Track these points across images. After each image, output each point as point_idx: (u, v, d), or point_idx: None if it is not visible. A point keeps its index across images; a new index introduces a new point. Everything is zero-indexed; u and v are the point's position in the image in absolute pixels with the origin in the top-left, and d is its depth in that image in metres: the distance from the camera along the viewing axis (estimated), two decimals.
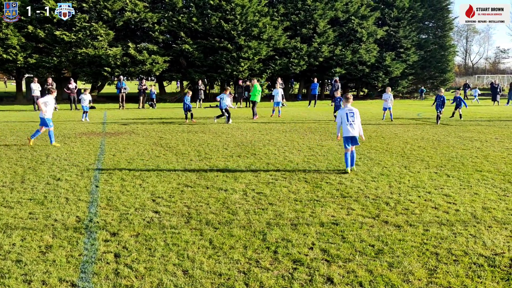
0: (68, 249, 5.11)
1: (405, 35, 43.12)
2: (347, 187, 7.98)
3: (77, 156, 10.90)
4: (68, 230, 5.73)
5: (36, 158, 10.67)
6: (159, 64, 34.32)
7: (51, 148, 12.06)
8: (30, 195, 7.36)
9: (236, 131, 15.86)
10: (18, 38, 31.37)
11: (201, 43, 35.19)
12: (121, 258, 4.88)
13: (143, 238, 5.45)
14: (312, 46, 38.20)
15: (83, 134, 15.04)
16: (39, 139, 13.42)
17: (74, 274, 4.50)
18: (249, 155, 11.09)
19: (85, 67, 33.66)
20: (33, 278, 4.39)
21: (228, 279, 4.41)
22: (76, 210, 6.58)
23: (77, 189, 7.76)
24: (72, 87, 26.96)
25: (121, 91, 28.56)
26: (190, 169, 9.48)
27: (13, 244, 5.25)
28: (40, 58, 32.21)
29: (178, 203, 6.93)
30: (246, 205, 6.84)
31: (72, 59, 32.89)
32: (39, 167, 9.63)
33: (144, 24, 34.81)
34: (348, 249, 5.17)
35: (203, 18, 35.26)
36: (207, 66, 36.05)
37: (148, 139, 13.82)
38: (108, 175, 8.82)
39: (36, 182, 8.25)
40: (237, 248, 5.16)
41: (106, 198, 7.20)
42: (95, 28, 32.12)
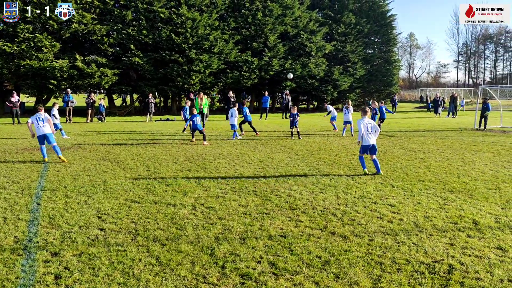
0: (4, 272, 4.85)
1: (352, 49, 44.57)
2: (296, 199, 8.07)
3: (17, 173, 10.42)
4: (5, 251, 5.45)
5: None
6: (108, 77, 33.59)
7: None
8: None
9: (187, 145, 15.72)
10: None
11: (152, 56, 34.80)
12: (62, 279, 4.68)
13: (87, 257, 5.26)
14: (263, 59, 38.67)
15: (25, 150, 14.41)
16: None
17: None
18: (199, 169, 11.01)
19: (29, 80, 32.39)
20: None
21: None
22: (14, 229, 6.27)
23: (17, 208, 7.40)
24: (14, 101, 25.84)
25: (68, 105, 27.69)
26: (138, 184, 9.28)
27: None
28: None
29: (125, 220, 6.76)
30: (195, 220, 6.77)
31: (14, 71, 31.59)
32: None
33: (93, 36, 33.98)
34: (296, 261, 5.21)
35: (154, 31, 34.93)
36: (158, 79, 35.65)
37: (96, 154, 13.43)
38: (51, 192, 8.48)
39: None
40: (184, 264, 5.08)
41: (48, 216, 6.91)
42: (40, 39, 31.04)
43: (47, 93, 36.08)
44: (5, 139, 17.48)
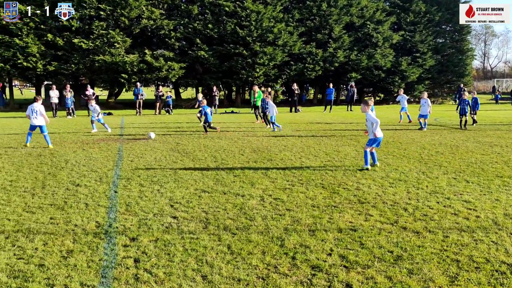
0: (89, 254, 5.18)
1: (421, 39, 42.81)
2: (364, 193, 7.94)
3: (95, 162, 11.05)
4: (88, 235, 5.81)
5: (55, 164, 10.84)
6: (175, 71, 34.63)
7: (70, 154, 12.25)
8: (51, 201, 7.48)
9: (252, 137, 15.90)
10: (38, 46, 31.98)
11: (217, 50, 35.42)
12: (141, 263, 4.93)
13: (162, 243, 5.49)
14: (327, 51, 38.15)
15: (101, 140, 15.23)
16: (57, 145, 13.66)
17: (95, 278, 4.55)
18: (265, 161, 11.11)
19: (103, 74, 34.15)
20: (55, 282, 4.46)
21: (247, 285, 4.42)
22: (95, 215, 6.67)
23: (96, 195, 7.86)
24: (89, 94, 27.33)
25: (138, 98, 28.88)
26: (207, 174, 9.53)
27: (35, 248, 5.35)
28: (59, 66, 32.77)
29: (196, 209, 6.98)
30: (264, 211, 6.85)
31: (89, 66, 33.40)
32: (58, 172, 9.79)
33: (160, 31, 35.17)
34: (367, 255, 5.14)
35: (219, 24, 35.51)
36: (223, 72, 36.27)
37: (165, 145, 13.94)
38: (126, 181, 8.93)
39: (56, 188, 8.38)
40: (255, 254, 5.17)
41: (125, 203, 7.29)
42: (112, 35, 32.56)
43: (119, 87, 37.89)
44: (83, 131, 18.57)
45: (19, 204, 7.29)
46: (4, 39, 31.62)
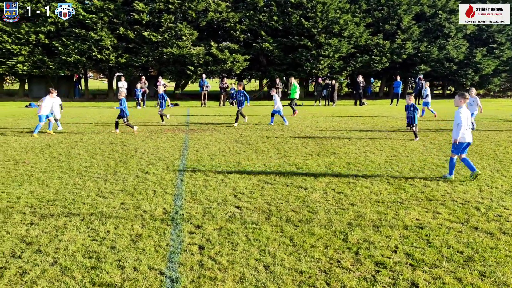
0: (156, 239, 5.39)
1: (499, 29, 40.20)
2: (432, 190, 7.63)
3: (163, 151, 11.45)
4: (156, 221, 6.05)
5: (126, 152, 11.36)
6: (240, 63, 34.99)
7: (140, 143, 12.77)
8: (122, 187, 7.86)
9: (315, 130, 15.76)
10: (111, 39, 33.56)
11: (281, 42, 35.35)
12: (205, 250, 5.06)
13: (226, 232, 5.60)
14: (395, 42, 36.89)
15: (168, 130, 15.75)
16: (127, 134, 14.30)
17: (162, 263, 4.74)
18: (328, 154, 10.98)
19: (170, 66, 35.23)
20: (125, 264, 4.69)
21: (309, 277, 4.41)
22: (163, 202, 6.92)
23: (164, 183, 8.15)
24: (160, 85, 28.32)
25: (203, 89, 29.51)
26: (269, 166, 9.59)
27: (107, 231, 5.65)
28: (130, 58, 34.23)
29: (259, 200, 7.04)
30: (327, 204, 6.79)
31: (158, 58, 34.58)
32: (129, 160, 10.25)
33: (226, 23, 35.66)
34: (434, 254, 4.95)
35: (284, 16, 35.38)
36: (287, 64, 36.16)
37: (229, 136, 14.16)
38: (192, 170, 9.18)
39: (127, 175, 8.78)
40: (317, 247, 5.14)
41: (190, 192, 7.50)
42: (180, 28, 33.46)
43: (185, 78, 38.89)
44: (152, 120, 19.29)
45: (92, 189, 7.72)
46: (80, 32, 33.48)
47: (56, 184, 8.03)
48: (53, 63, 34.66)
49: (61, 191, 7.59)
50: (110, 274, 4.47)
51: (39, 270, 4.55)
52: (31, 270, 4.55)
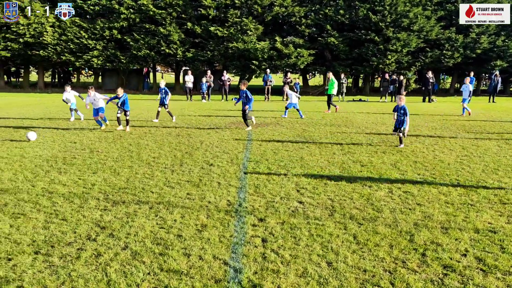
0: (220, 230, 5.52)
1: None
2: (507, 192, 7.21)
3: (227, 144, 11.66)
4: (220, 212, 6.19)
5: (192, 144, 11.69)
6: (304, 58, 34.77)
7: (205, 136, 13.09)
8: (188, 178, 8.11)
9: (380, 126, 15.37)
10: (178, 34, 34.57)
11: (347, 36, 34.69)
12: (268, 243, 5.12)
13: (289, 226, 5.63)
14: (469, 36, 35.02)
15: (232, 124, 16.01)
16: (193, 127, 14.69)
17: (226, 253, 4.85)
18: (394, 152, 10.68)
19: (235, 61, 35.70)
20: (191, 253, 4.85)
21: (373, 276, 4.33)
22: (227, 194, 7.07)
23: (228, 175, 8.31)
24: (224, 79, 28.83)
25: (267, 84, 29.65)
26: (333, 162, 9.48)
27: (174, 220, 5.86)
28: (196, 52, 35.09)
29: (322, 195, 7.00)
30: (392, 203, 6.62)
31: (223, 53, 35.16)
32: (194, 152, 10.54)
33: (291, 18, 35.54)
34: (509, 260, 4.69)
35: (351, 10, 34.69)
36: (352, 59, 35.47)
37: (292, 131, 14.16)
38: (255, 164, 9.28)
39: (192, 166, 9.04)
40: (382, 246, 5.04)
41: (254, 185, 7.60)
42: (245, 23, 33.78)
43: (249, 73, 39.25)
44: (216, 113, 19.69)
45: (160, 179, 8.03)
46: (150, 28, 34.75)
47: (126, 173, 8.43)
48: (124, 57, 36.27)
49: (131, 179, 7.96)
50: (177, 261, 4.64)
51: (112, 253, 4.82)
52: (104, 252, 4.82)
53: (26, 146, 11.21)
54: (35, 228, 5.54)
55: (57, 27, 36.08)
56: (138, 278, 4.27)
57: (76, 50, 36.40)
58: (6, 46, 36.34)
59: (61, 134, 13.24)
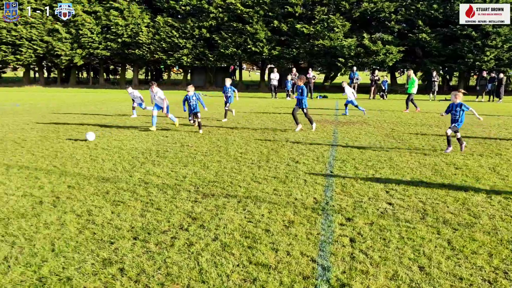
0: (307, 227, 5.52)
1: None
2: None
3: (312, 142, 11.61)
4: (307, 209, 6.19)
5: (277, 141, 11.79)
6: (393, 55, 33.62)
7: (290, 133, 13.14)
8: (274, 174, 8.20)
9: (477, 127, 14.43)
10: (265, 32, 34.98)
11: (441, 32, 32.97)
12: (356, 243, 5.02)
13: (377, 228, 5.48)
14: None
15: (317, 122, 15.90)
16: (278, 124, 14.79)
17: (313, 250, 4.84)
18: (493, 155, 9.98)
19: (321, 58, 35.41)
20: (279, 248, 4.90)
21: (470, 285, 4.09)
22: (313, 192, 7.04)
23: (314, 173, 8.28)
24: (309, 77, 28.72)
25: (353, 82, 29.06)
26: (424, 164, 9.07)
27: (262, 215, 5.95)
28: (282, 50, 35.30)
29: (413, 198, 6.73)
30: (491, 209, 6.19)
31: (309, 51, 35.02)
32: (280, 149, 10.62)
33: (380, 14, 34.49)
34: None
35: (445, 4, 32.89)
36: (445, 55, 33.63)
37: (380, 130, 13.75)
38: (341, 163, 9.15)
39: (278, 163, 9.12)
40: (480, 254, 4.73)
41: (340, 184, 7.49)
42: (332, 20, 33.35)
43: (335, 71, 38.74)
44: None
45: (248, 174, 8.19)
46: (238, 26, 35.52)
47: (215, 167, 8.71)
48: (212, 55, 37.49)
49: (220, 173, 8.21)
50: (265, 255, 4.72)
51: (203, 243, 5.01)
52: (196, 242, 5.03)
53: (123, 139, 12.01)
54: (133, 215, 5.92)
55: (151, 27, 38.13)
56: (228, 269, 4.41)
57: (167, 48, 38.27)
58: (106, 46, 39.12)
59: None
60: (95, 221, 5.68)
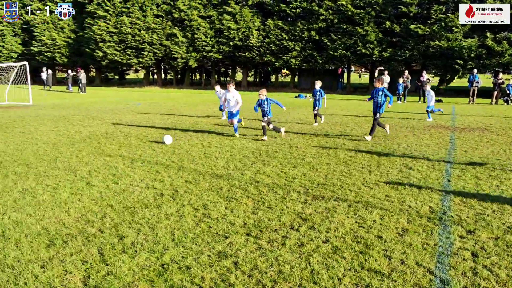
0: (423, 237, 5.25)
1: None
2: None
3: (427, 148, 11.03)
4: (422, 218, 5.89)
5: (388, 146, 11.39)
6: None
7: (402, 138, 12.61)
8: (386, 179, 7.92)
9: None
10: (376, 34, 33.96)
11: None
12: (479, 258, 4.67)
13: (504, 243, 5.04)
14: None
15: (431, 127, 15.07)
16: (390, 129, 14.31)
17: (430, 261, 4.59)
18: None
19: (436, 60, 33.43)
20: (392, 255, 4.73)
21: None
22: (429, 200, 6.68)
23: (429, 180, 7.85)
24: (423, 80, 27.32)
25: (473, 85, 27.03)
26: None
27: (373, 220, 5.79)
28: (393, 52, 33.98)
29: None
30: None
31: (423, 52, 33.25)
32: (391, 154, 10.24)
33: None
34: None
35: None
36: None
37: (504, 138, 12.62)
38: (460, 171, 8.55)
39: (390, 168, 8.80)
40: None
41: (459, 194, 7.01)
42: (451, 19, 31.31)
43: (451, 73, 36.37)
44: (413, 116, 18.77)
45: (358, 178, 8.02)
46: (348, 28, 34.94)
47: (324, 170, 8.66)
48: (320, 58, 37.31)
49: (329, 176, 8.15)
50: (378, 262, 4.58)
51: (314, 245, 5.01)
52: (307, 243, 5.05)
53: (234, 138, 12.45)
54: (246, 212, 6.12)
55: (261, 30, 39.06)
56: (339, 272, 4.36)
57: (276, 51, 38.89)
58: (219, 49, 40.88)
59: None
60: (211, 215, 5.97)
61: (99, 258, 4.66)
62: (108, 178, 7.89)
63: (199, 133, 13.40)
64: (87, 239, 5.14)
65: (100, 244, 5.00)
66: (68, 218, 5.81)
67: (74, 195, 6.86)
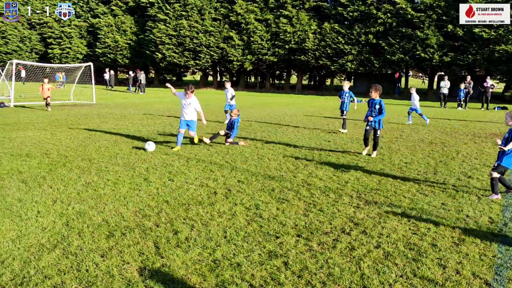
0: (481, 247, 5.06)
1: None
2: None
3: (488, 157, 10.57)
4: (481, 228, 5.67)
5: (446, 153, 11.02)
6: None
7: (461, 145, 12.16)
8: (443, 187, 7.68)
9: None
10: (437, 38, 32.88)
11: None
12: None
13: None
14: None
15: (493, 135, 14.41)
16: (448, 135, 13.77)
17: (487, 273, 4.43)
18: None
19: (502, 65, 31.91)
20: (447, 265, 4.60)
21: None
22: (488, 210, 6.42)
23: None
24: (487, 86, 26.17)
25: None
26: None
27: (428, 228, 5.65)
28: (455, 56, 32.77)
29: None
30: None
31: (487, 57, 31.84)
32: (449, 162, 9.91)
33: None
34: None
35: None
36: None
37: None
38: None
39: (448, 176, 8.52)
40: None
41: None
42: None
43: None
44: (474, 123, 18.03)
45: (413, 184, 7.83)
46: (407, 31, 34.06)
47: (378, 175, 8.52)
48: (377, 62, 36.62)
49: (383, 182, 8.01)
50: (431, 270, 4.47)
51: (365, 249, 4.96)
52: (358, 247, 5.01)
53: (287, 141, 12.50)
54: (297, 214, 6.15)
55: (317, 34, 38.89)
56: (390, 278, 4.30)
57: (332, 54, 38.59)
58: (274, 52, 41.10)
59: (317, 133, 14.29)
60: (262, 215, 6.05)
61: (155, 250, 4.86)
62: (165, 175, 8.18)
63: (252, 133, 13.56)
64: (144, 232, 5.37)
65: (156, 237, 5.21)
66: (126, 212, 6.09)
67: (133, 190, 7.17)
